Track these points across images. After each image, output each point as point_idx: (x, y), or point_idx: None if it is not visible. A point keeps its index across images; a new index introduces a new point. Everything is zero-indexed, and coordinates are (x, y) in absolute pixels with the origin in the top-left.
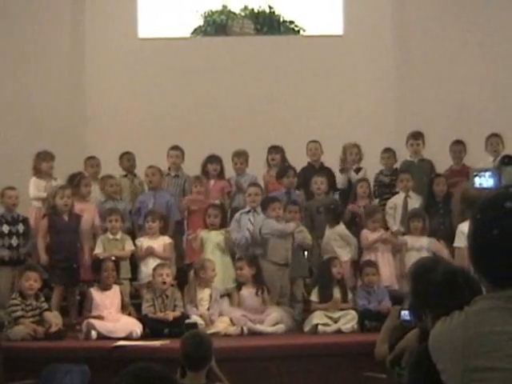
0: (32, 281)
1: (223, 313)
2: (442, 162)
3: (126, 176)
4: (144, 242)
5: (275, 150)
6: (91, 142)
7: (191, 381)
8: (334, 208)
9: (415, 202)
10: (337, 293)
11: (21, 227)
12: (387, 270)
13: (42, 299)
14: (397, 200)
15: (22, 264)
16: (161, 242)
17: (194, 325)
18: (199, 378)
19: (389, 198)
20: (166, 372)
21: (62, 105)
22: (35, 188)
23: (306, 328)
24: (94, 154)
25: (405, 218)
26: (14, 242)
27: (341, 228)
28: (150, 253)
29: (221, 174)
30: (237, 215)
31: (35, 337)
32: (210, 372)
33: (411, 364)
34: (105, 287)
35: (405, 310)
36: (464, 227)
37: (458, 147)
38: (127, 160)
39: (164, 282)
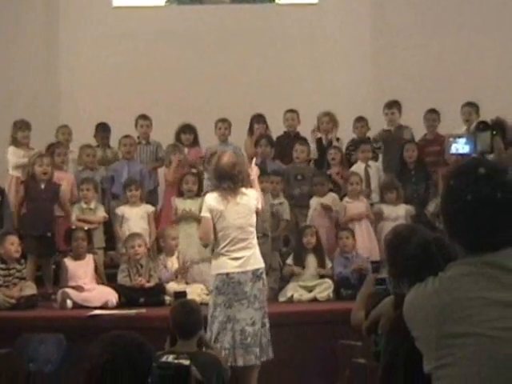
0: (16, 244)
1: (197, 279)
2: (418, 131)
3: (98, 146)
4: (125, 210)
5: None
6: (64, 112)
7: (182, 349)
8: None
9: (375, 171)
10: (313, 261)
11: None
12: (366, 241)
13: (23, 264)
14: (357, 170)
15: None
16: (143, 210)
17: (183, 293)
18: (190, 345)
19: None
20: (141, 339)
21: (36, 74)
22: (14, 156)
23: (281, 299)
24: (67, 123)
25: (369, 187)
26: None
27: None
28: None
29: (194, 143)
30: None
31: (13, 305)
32: (199, 340)
33: (386, 331)
34: (77, 257)
35: (380, 277)
36: (209, 197)
37: (432, 116)
38: (103, 131)
39: (136, 253)
